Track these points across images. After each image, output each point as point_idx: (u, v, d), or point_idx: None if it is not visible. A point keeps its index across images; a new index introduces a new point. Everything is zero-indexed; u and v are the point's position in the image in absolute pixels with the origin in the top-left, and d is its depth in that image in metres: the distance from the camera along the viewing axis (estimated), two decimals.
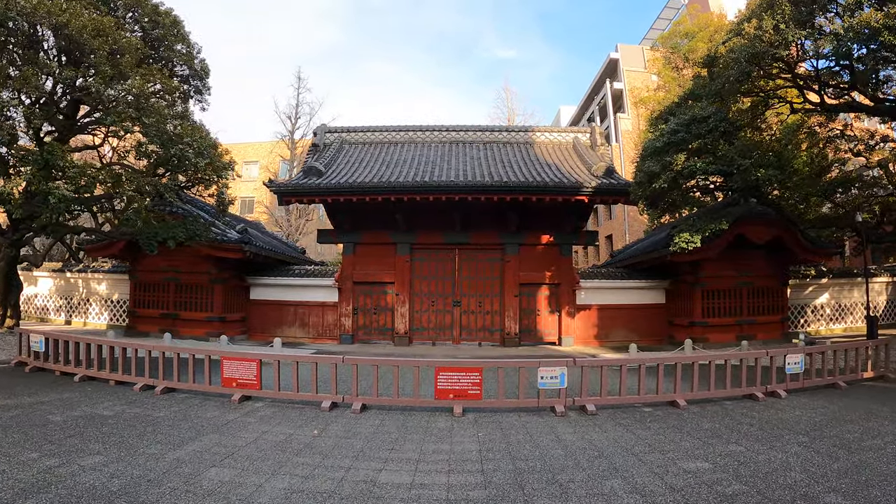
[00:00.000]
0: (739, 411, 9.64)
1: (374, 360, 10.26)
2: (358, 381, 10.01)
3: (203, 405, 9.90)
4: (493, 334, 21.59)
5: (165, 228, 16.66)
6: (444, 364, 9.68)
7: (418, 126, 24.71)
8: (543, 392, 9.50)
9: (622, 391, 9.85)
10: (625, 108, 43.40)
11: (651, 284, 21.75)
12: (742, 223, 18.32)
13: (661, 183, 15.42)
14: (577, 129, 24.64)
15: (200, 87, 20.71)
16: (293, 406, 9.99)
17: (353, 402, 9.76)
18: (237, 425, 8.53)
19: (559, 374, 9.38)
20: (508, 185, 18.79)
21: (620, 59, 45.41)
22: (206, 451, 7.04)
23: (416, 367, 9.74)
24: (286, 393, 10.29)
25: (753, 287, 20.60)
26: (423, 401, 9.65)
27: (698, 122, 15.26)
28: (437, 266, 21.93)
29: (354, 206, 20.41)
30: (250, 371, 10.41)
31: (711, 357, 10.89)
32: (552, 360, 9.68)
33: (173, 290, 21.43)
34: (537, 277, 21.65)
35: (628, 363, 10.41)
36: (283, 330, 22.01)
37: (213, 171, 16.41)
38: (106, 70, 13.95)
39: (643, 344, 19.94)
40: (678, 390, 10.11)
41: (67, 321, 25.55)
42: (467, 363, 9.73)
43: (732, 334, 19.93)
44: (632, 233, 38.17)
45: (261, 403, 10.15)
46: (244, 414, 9.34)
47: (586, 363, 9.80)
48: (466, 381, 9.44)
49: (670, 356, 11.59)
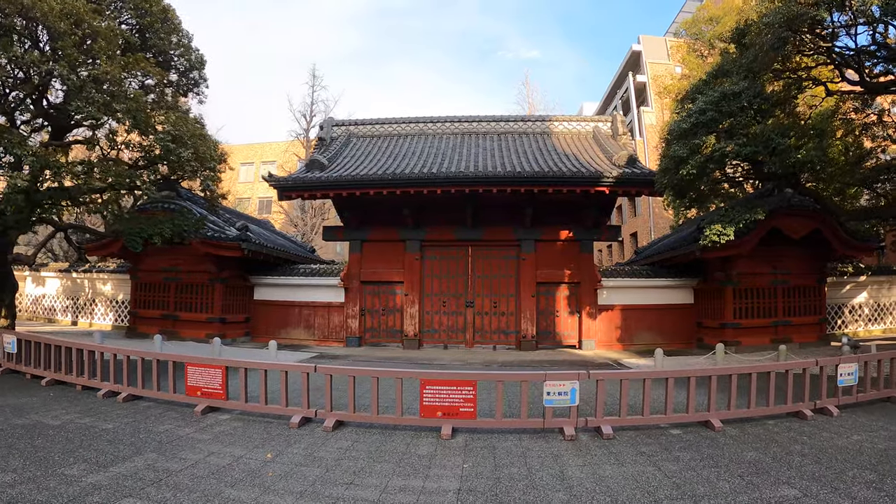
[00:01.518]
0: (786, 434, 7.85)
1: (349, 369, 8.65)
2: (332, 394, 8.44)
3: (161, 416, 8.75)
4: (509, 337, 19.91)
5: (151, 224, 15.35)
6: (431, 376, 8.04)
7: (428, 118, 23.10)
8: (551, 410, 7.82)
9: (645, 409, 8.09)
10: (648, 101, 41.29)
11: (678, 283, 19.87)
12: (777, 215, 16.40)
13: (689, 169, 13.60)
14: (598, 117, 22.77)
15: (197, 79, 19.47)
16: (260, 420, 8.61)
17: (327, 419, 8.24)
18: (185, 443, 7.29)
19: (569, 390, 7.69)
20: (522, 175, 17.12)
21: (643, 51, 43.28)
22: (132, 476, 5.95)
23: (399, 378, 8.11)
24: (253, 405, 8.86)
25: (789, 286, 18.64)
26: (406, 419, 8.04)
27: (729, 99, 13.38)
28: (449, 264, 20.33)
29: (360, 202, 18.95)
30: (215, 379, 9.11)
31: (754, 368, 9.07)
32: (560, 374, 7.97)
33: (174, 290, 20.24)
34: (556, 276, 19.92)
35: (654, 376, 8.66)
36: (287, 332, 20.67)
37: (198, 161, 14.99)
38: (72, 54, 12.61)
39: (670, 348, 18.16)
40: (713, 407, 8.34)
41: (74, 322, 24.95)
42: (458, 375, 8.07)
43: (767, 337, 18.08)
44: (657, 230, 36.16)
45: (226, 416, 8.84)
46: (201, 429, 8.04)
47: (602, 376, 8.07)
48: (458, 397, 7.80)
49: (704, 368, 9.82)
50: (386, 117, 23.21)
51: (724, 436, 7.75)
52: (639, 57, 44.05)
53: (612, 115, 22.23)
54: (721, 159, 13.56)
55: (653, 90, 38.41)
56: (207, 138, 15.93)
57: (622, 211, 43.30)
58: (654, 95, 38.22)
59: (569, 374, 7.89)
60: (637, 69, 44.72)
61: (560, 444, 7.31)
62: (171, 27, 17.44)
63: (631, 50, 44.94)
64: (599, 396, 7.92)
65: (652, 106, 40.14)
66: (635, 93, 44.14)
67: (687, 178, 14.06)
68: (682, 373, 8.52)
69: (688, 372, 8.49)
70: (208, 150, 15.40)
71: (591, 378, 7.94)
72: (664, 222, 36.25)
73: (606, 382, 8.22)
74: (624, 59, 46.97)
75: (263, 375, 8.87)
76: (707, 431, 7.97)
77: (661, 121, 35.41)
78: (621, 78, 48.12)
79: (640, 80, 43.59)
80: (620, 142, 20.70)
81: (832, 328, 20.32)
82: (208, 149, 15.43)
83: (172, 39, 17.70)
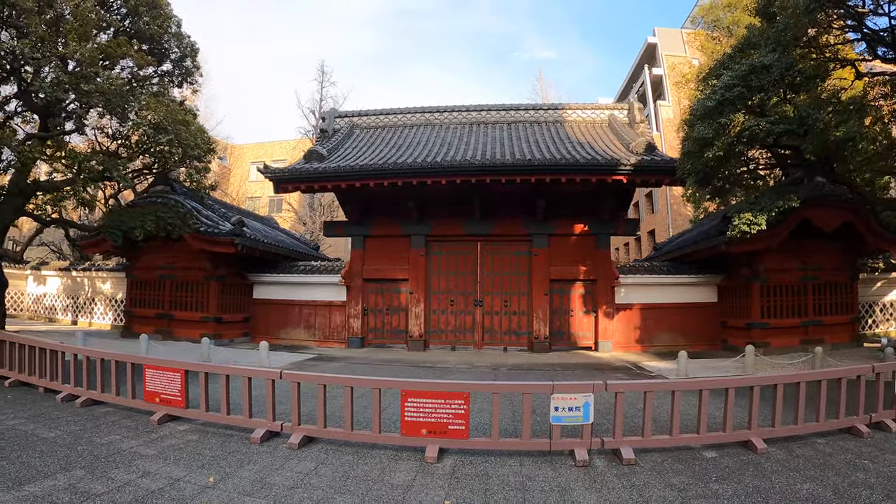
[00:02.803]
0: (842, 457, 6.38)
1: (319, 377, 7.23)
2: (300, 405, 7.08)
3: (114, 425, 7.71)
4: (521, 338, 18.44)
5: (133, 217, 14.15)
6: (414, 386, 6.65)
7: (435, 107, 21.65)
8: (559, 429, 6.39)
9: (674, 426, 6.62)
10: (665, 94, 39.41)
11: (701, 280, 18.29)
12: (808, 206, 14.75)
13: (715, 151, 12.09)
14: (614, 105, 21.17)
15: (190, 68, 18.35)
16: (221, 433, 7.37)
17: (293, 434, 6.93)
18: (124, 459, 6.24)
19: (582, 405, 6.26)
20: (533, 163, 15.66)
21: (659, 44, 41.21)
22: (43, 498, 5.02)
23: (377, 389, 6.72)
24: (214, 415, 7.62)
25: (819, 282, 16.98)
26: (385, 437, 6.65)
27: (758, 73, 11.83)
28: (457, 260, 18.89)
29: (361, 194, 17.62)
30: (174, 384, 7.92)
31: (802, 377, 7.54)
32: (571, 385, 6.53)
33: (169, 288, 19.10)
34: (570, 273, 18.41)
35: (684, 387, 7.17)
36: (287, 332, 19.42)
37: (181, 149, 13.74)
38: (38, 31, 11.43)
39: (692, 350, 16.65)
40: (754, 424, 6.86)
41: (74, 321, 24.13)
42: (447, 386, 6.65)
43: (797, 338, 16.47)
44: (675, 227, 34.39)
45: (184, 426, 7.66)
46: (150, 441, 6.94)
47: (622, 387, 6.62)
48: (446, 412, 6.40)
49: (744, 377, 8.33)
50: (390, 108, 21.81)
51: (769, 460, 6.30)
52: (654, 49, 42.21)
53: (629, 103, 20.67)
54: (751, 139, 12.05)
55: (670, 81, 36.75)
56: (193, 125, 14.68)
57: (639, 208, 41.58)
58: (671, 87, 36.60)
59: (581, 385, 6.45)
60: (653, 62, 42.89)
61: (570, 471, 5.88)
62: (159, 13, 16.29)
63: (646, 42, 43.08)
64: (618, 411, 6.46)
65: (669, 99, 38.37)
66: (651, 86, 42.32)
67: (712, 163, 12.57)
68: (718, 383, 7.02)
69: (726, 382, 6.98)
70: (192, 137, 14.15)
71: (608, 390, 6.50)
72: (682, 219, 34.56)
73: (627, 393, 6.79)
74: (639, 52, 45.14)
75: (225, 381, 7.58)
76: (748, 454, 6.50)
77: (679, 114, 33.74)
78: (637, 71, 46.32)
79: (656, 73, 41.75)
80: (638, 130, 19.14)
81: (862, 328, 18.76)
82: (192, 136, 14.18)
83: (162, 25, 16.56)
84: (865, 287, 18.92)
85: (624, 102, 21.41)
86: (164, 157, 13.94)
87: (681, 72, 29.07)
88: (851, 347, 16.63)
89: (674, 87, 34.50)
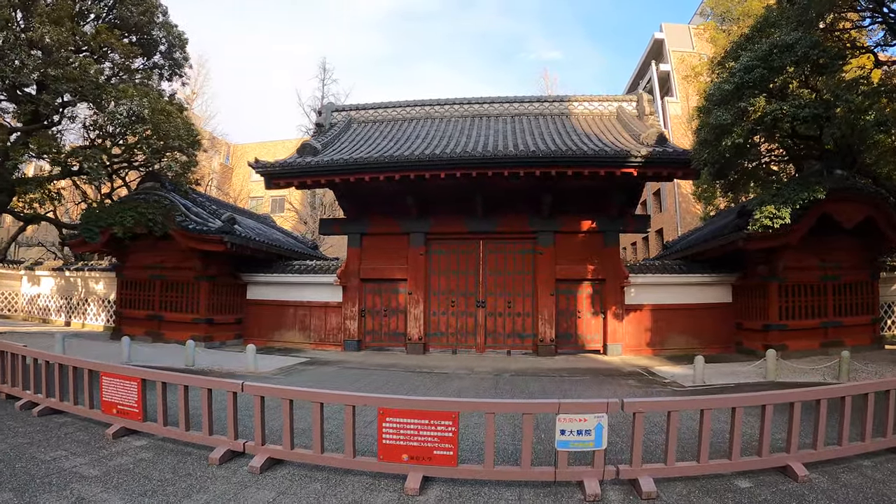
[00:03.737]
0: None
1: (285, 390, 6.18)
2: (264, 422, 6.08)
3: (65, 438, 6.88)
4: (525, 341, 17.36)
5: (111, 214, 13.21)
6: (393, 404, 5.60)
7: (436, 100, 20.57)
8: (566, 455, 5.33)
9: (702, 452, 5.51)
10: (673, 91, 38.22)
11: (715, 279, 17.15)
12: (829, 199, 13.57)
13: (734, 139, 11.00)
14: (622, 97, 20.02)
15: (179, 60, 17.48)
16: (178, 451, 6.43)
17: (256, 455, 5.93)
18: (60, 482, 5.35)
19: (594, 427, 5.19)
20: (537, 155, 14.59)
21: (666, 39, 40.03)
22: None
23: (350, 405, 5.69)
24: (172, 430, 6.67)
25: (839, 282, 15.87)
26: (361, 462, 5.61)
27: (781, 52, 10.74)
28: (458, 259, 17.84)
29: (356, 190, 16.65)
30: (131, 394, 6.97)
31: (848, 390, 6.41)
32: (580, 405, 5.46)
33: (159, 288, 18.17)
34: (577, 272, 17.32)
35: (714, 405, 6.04)
36: (281, 334, 18.44)
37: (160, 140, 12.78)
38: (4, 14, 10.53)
39: (706, 353, 15.53)
40: (793, 447, 5.78)
41: (67, 322, 23.34)
42: (432, 404, 5.56)
43: (816, 340, 15.38)
44: (684, 226, 33.23)
45: (141, 442, 6.74)
46: (97, 459, 6.06)
47: (642, 406, 5.53)
48: (431, 434, 5.35)
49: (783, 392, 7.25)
50: (389, 101, 20.79)
51: (812, 490, 5.23)
52: (661, 45, 41.02)
53: (638, 94, 19.54)
54: (773, 124, 10.96)
55: (678, 75, 35.56)
56: (177, 117, 13.73)
57: (647, 207, 40.38)
58: (679, 82, 35.44)
59: (593, 404, 5.37)
60: (660, 58, 41.68)
61: None
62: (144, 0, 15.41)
63: (653, 38, 41.87)
64: (637, 433, 5.38)
65: (676, 96, 37.21)
66: (659, 83, 41.11)
67: (731, 151, 11.48)
68: (753, 399, 5.93)
69: (762, 398, 5.88)
70: (174, 128, 13.19)
71: (625, 410, 5.41)
72: (691, 218, 33.42)
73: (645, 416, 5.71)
74: (646, 48, 43.95)
75: (183, 392, 6.55)
76: (788, 483, 5.42)
77: (687, 110, 32.62)
78: (644, 68, 45.10)
79: (663, 69, 40.55)
80: (647, 122, 18.03)
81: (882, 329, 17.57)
82: (174, 128, 13.22)
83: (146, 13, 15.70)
84: (884, 286, 17.76)
85: (632, 94, 20.26)
86: (141, 149, 12.97)
87: (690, 64, 27.88)
88: (872, 350, 15.54)
89: (682, 81, 33.30)
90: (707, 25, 26.82)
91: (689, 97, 33.37)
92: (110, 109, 12.62)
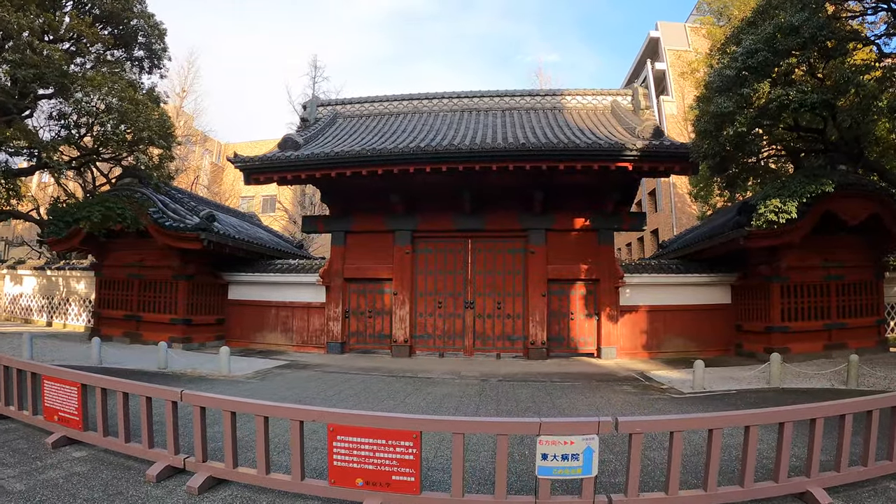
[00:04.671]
0: None
1: (227, 400, 5.23)
2: (205, 435, 5.17)
3: (2, 447, 6.13)
4: (515, 343, 16.40)
5: (80, 209, 12.27)
6: (346, 420, 4.63)
7: (424, 94, 19.56)
8: (548, 484, 4.37)
9: (709, 477, 4.56)
10: (668, 90, 37.17)
11: (714, 279, 16.22)
12: (833, 196, 12.71)
13: (736, 127, 10.07)
14: (617, 91, 19.00)
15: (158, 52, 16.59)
16: (118, 464, 5.63)
17: (197, 472, 5.06)
18: None
19: (582, 451, 4.25)
20: (527, 148, 13.63)
21: (662, 38, 38.86)
22: None
23: (297, 421, 4.72)
24: (112, 441, 5.84)
25: (844, 281, 14.97)
26: (310, 485, 4.66)
27: (786, 34, 9.83)
28: (445, 258, 16.86)
29: (339, 185, 15.70)
30: (71, 400, 6.16)
31: (878, 403, 5.50)
32: (565, 424, 4.50)
33: (137, 288, 17.21)
34: (570, 272, 16.36)
35: (724, 423, 5.06)
36: (263, 335, 17.50)
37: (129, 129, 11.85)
38: None
39: (705, 356, 14.63)
40: (814, 470, 4.84)
41: (49, 322, 22.61)
42: (390, 422, 4.59)
43: (819, 343, 14.50)
44: (680, 226, 32.26)
45: (81, 453, 5.91)
46: (26, 472, 5.31)
47: (640, 426, 4.56)
48: (389, 457, 4.41)
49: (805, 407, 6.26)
50: (376, 95, 19.79)
51: None
52: (657, 44, 40.00)
53: (633, 88, 18.59)
54: (778, 111, 10.03)
55: (674, 72, 34.65)
56: (145, 106, 12.75)
57: (642, 206, 39.37)
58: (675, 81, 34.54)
59: (581, 423, 4.41)
60: (655, 57, 40.66)
61: None
62: None
63: (648, 37, 40.83)
64: (633, 457, 4.41)
65: (672, 95, 36.23)
66: (654, 82, 40.13)
67: (733, 141, 10.57)
68: (770, 416, 4.94)
69: (780, 414, 4.89)
70: (143, 119, 12.23)
71: (619, 430, 4.45)
72: (687, 218, 32.52)
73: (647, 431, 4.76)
74: (641, 47, 42.93)
75: (121, 399, 5.69)
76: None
77: (683, 108, 31.69)
78: (639, 67, 44.08)
79: (658, 67, 39.53)
80: (643, 116, 17.08)
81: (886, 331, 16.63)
82: (143, 118, 12.25)
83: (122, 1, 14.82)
84: (887, 287, 16.88)
85: (627, 88, 19.29)
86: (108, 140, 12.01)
87: (686, 60, 26.99)
88: (877, 353, 14.63)
89: (678, 78, 32.40)
90: (704, 20, 25.95)
91: (684, 96, 32.46)
92: (76, 98, 11.72)
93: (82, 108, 11.32)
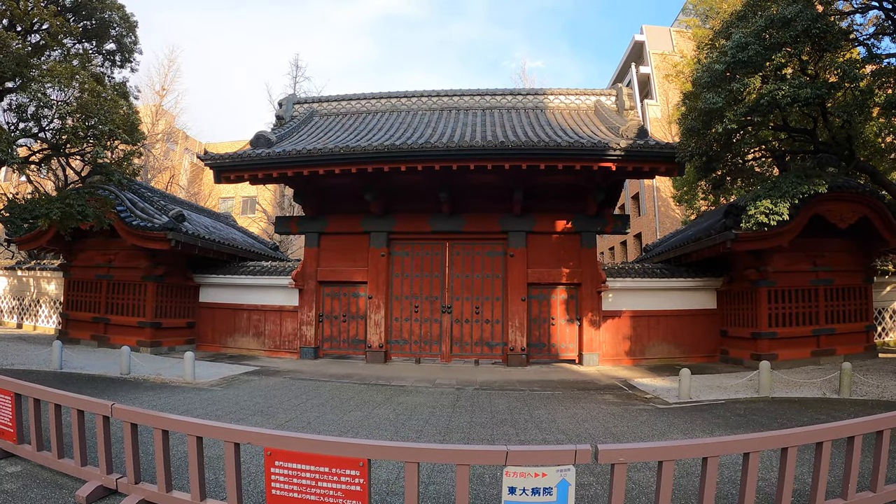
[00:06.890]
0: None
1: (158, 416, 4.30)
2: (138, 454, 4.34)
3: None
4: (494, 349, 15.45)
5: (39, 206, 11.26)
6: (285, 444, 3.68)
7: (402, 92, 18.54)
8: None
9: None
10: (653, 94, 36.41)
11: (699, 284, 15.38)
12: (822, 199, 12.13)
13: (725, 124, 9.23)
14: (600, 91, 18.05)
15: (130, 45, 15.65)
16: (51, 481, 4.92)
17: (130, 494, 4.27)
18: None
19: (556, 484, 3.33)
20: (506, 147, 12.69)
21: (647, 42, 38.08)
22: None
23: (232, 442, 3.79)
24: (46, 456, 5.16)
25: (832, 286, 14.28)
26: None
27: (778, 27, 9.02)
28: (423, 261, 15.88)
29: (311, 184, 14.74)
30: (5, 410, 5.47)
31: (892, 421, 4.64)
32: (536, 452, 3.52)
33: (105, 290, 16.23)
34: (551, 276, 15.44)
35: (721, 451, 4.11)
36: (235, 340, 16.48)
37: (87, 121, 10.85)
38: None
39: (689, 362, 13.91)
40: (820, 498, 3.96)
41: (19, 324, 21.40)
42: (334, 447, 3.62)
43: (808, 349, 13.82)
44: (663, 230, 31.50)
45: (16, 468, 5.25)
46: None
47: (624, 454, 3.61)
48: (333, 487, 3.47)
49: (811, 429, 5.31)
50: (354, 93, 18.76)
51: None
52: (642, 48, 39.27)
53: (617, 88, 17.70)
54: (769, 107, 9.19)
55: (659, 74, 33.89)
56: (107, 99, 11.69)
57: (625, 210, 38.63)
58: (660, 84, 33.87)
59: (555, 452, 3.44)
60: (640, 60, 39.95)
61: None
62: None
63: (633, 40, 40.09)
64: (616, 490, 3.50)
65: (657, 99, 35.51)
66: (639, 85, 39.41)
67: (721, 140, 9.75)
68: (774, 441, 4.01)
69: (784, 439, 3.95)
70: (104, 111, 11.20)
71: (600, 460, 3.51)
72: (670, 222, 31.77)
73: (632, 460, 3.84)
74: (626, 51, 42.17)
75: (53, 411, 4.87)
76: None
77: (667, 112, 30.97)
78: (623, 70, 43.34)
79: (643, 71, 38.80)
80: (627, 116, 16.21)
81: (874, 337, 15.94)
82: (104, 110, 11.22)
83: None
84: (876, 291, 16.25)
85: (612, 88, 18.40)
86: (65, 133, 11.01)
87: (672, 62, 26.18)
88: (866, 359, 13.99)
89: (662, 81, 31.69)
90: (690, 21, 25.17)
91: (668, 100, 31.79)
92: (32, 89, 10.71)
93: (39, 99, 10.31)
